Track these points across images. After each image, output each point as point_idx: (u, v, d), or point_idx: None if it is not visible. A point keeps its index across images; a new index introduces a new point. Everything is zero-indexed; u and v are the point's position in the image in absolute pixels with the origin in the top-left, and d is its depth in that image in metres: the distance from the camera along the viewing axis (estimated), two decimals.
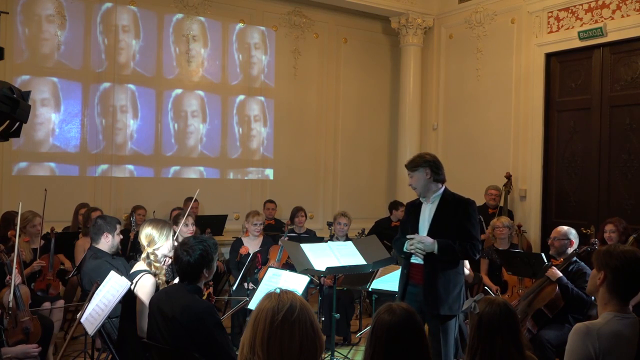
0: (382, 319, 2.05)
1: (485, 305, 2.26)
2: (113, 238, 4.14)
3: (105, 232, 4.12)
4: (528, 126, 7.37)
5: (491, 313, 2.23)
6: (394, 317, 2.04)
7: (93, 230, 4.16)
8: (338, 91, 8.79)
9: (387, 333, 2.02)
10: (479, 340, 2.23)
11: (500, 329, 2.21)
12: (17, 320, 4.06)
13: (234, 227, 7.42)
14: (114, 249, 4.19)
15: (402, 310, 2.06)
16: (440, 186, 3.87)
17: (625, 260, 2.43)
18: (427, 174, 3.80)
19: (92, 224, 4.25)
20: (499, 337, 2.20)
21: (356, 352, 5.50)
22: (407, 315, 2.05)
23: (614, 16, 6.51)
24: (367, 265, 4.57)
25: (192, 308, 2.89)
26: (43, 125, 6.87)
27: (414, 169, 3.85)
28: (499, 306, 2.25)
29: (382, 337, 2.02)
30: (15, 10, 6.67)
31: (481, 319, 2.24)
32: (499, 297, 2.44)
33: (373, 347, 2.04)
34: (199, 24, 7.77)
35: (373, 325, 2.07)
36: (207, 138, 7.85)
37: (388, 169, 9.13)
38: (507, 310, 2.26)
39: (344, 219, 6.37)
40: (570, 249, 4.66)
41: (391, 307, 2.08)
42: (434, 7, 8.64)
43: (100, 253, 4.10)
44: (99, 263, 3.99)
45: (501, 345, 2.20)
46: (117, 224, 4.21)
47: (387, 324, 2.03)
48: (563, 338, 4.02)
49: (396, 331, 2.02)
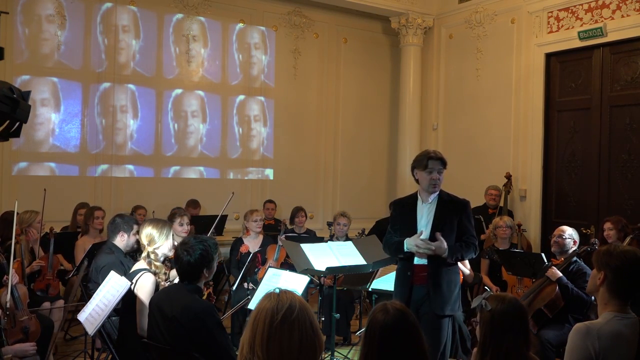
0: (376, 318, 2.04)
1: (496, 302, 2.27)
2: (129, 237, 4.21)
3: (121, 231, 4.20)
4: (528, 126, 7.37)
5: (503, 310, 2.24)
6: (387, 316, 2.03)
7: (110, 227, 4.24)
8: (338, 91, 8.79)
9: (380, 332, 2.01)
10: (490, 337, 2.24)
11: (512, 326, 2.22)
12: (15, 320, 4.06)
13: (234, 227, 7.42)
14: (128, 248, 4.25)
15: (396, 310, 2.05)
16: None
17: (626, 260, 2.43)
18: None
19: (110, 222, 4.30)
20: (511, 333, 2.21)
21: (356, 352, 5.50)
22: (400, 315, 2.04)
23: (614, 16, 6.51)
24: (367, 265, 4.57)
25: (192, 308, 2.89)
26: (43, 125, 6.87)
27: (445, 165, 3.86)
28: (511, 303, 2.27)
29: (376, 336, 2.01)
30: (15, 10, 6.67)
31: (493, 316, 2.24)
32: (509, 294, 2.44)
33: (367, 346, 2.03)
34: (199, 24, 7.77)
35: (367, 325, 2.07)
36: (207, 138, 7.85)
37: (388, 169, 9.12)
38: (519, 307, 2.27)
39: (344, 219, 6.37)
40: (572, 248, 4.66)
41: (385, 306, 2.08)
42: (434, 7, 8.64)
43: (115, 248, 4.15)
44: (113, 259, 4.04)
45: (512, 342, 2.20)
46: (135, 224, 4.26)
47: (381, 324, 2.02)
48: (563, 338, 4.03)
49: (389, 331, 2.00)
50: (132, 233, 4.21)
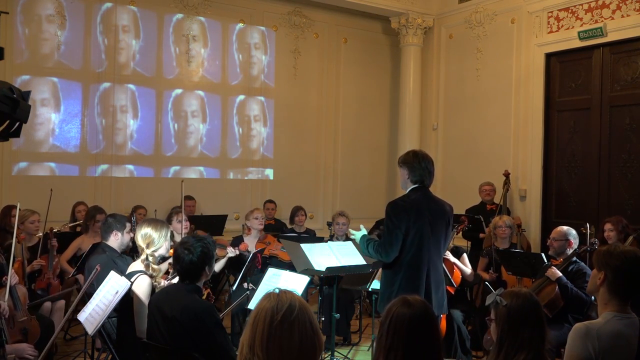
0: (400, 312, 2.05)
1: (511, 297, 2.28)
2: (122, 236, 4.19)
3: (114, 230, 4.17)
4: (528, 126, 7.37)
5: (519, 304, 2.25)
6: (413, 309, 2.05)
7: (103, 228, 4.23)
8: (338, 91, 8.79)
9: (408, 325, 2.02)
10: (508, 332, 2.24)
11: (528, 320, 2.23)
12: (14, 321, 4.04)
13: (234, 227, 7.42)
14: (123, 246, 4.23)
15: (420, 302, 2.09)
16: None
17: (626, 260, 2.43)
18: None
19: (102, 223, 4.30)
20: (527, 327, 2.22)
21: (356, 352, 5.50)
22: (425, 307, 2.08)
23: (614, 16, 6.51)
24: (367, 265, 4.57)
25: (192, 308, 2.89)
26: (43, 125, 6.87)
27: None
28: (526, 297, 2.28)
29: (402, 329, 2.03)
30: (15, 10, 6.67)
31: (509, 311, 2.25)
32: (523, 289, 2.45)
33: (391, 339, 2.03)
34: (199, 24, 7.77)
35: (389, 318, 2.07)
36: (207, 138, 7.85)
37: (388, 169, 9.12)
38: (534, 301, 2.29)
39: (343, 218, 6.38)
40: (570, 249, 4.66)
41: (407, 299, 2.10)
42: (434, 7, 8.64)
43: (107, 249, 4.14)
44: (105, 259, 4.03)
45: (529, 337, 2.21)
46: (127, 222, 4.25)
47: (408, 317, 2.03)
48: (563, 338, 4.02)
49: (417, 322, 2.03)
50: (126, 231, 4.20)
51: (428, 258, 3.72)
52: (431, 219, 3.72)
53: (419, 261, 3.70)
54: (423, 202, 3.73)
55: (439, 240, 3.79)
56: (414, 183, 3.80)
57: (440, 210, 3.80)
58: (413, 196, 3.75)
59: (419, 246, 3.68)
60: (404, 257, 3.68)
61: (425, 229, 3.69)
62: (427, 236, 3.70)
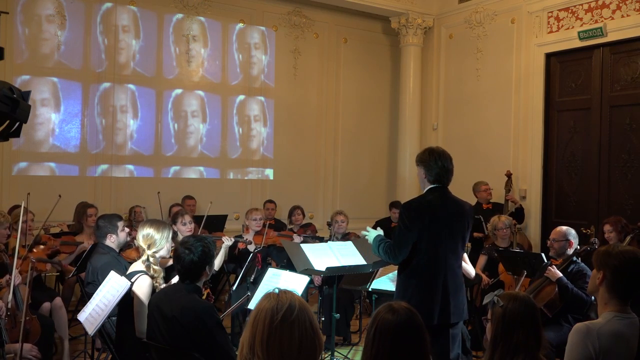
0: (385, 318, 2.03)
1: (508, 299, 2.30)
2: (117, 236, 4.19)
3: (108, 233, 4.17)
4: (528, 126, 7.37)
5: (515, 306, 2.26)
6: (398, 316, 2.03)
7: (97, 233, 4.23)
8: (338, 91, 8.79)
9: (392, 332, 2.00)
10: (502, 333, 2.26)
11: (523, 322, 2.24)
12: (16, 321, 4.05)
13: (234, 227, 7.41)
14: (121, 245, 4.23)
15: (405, 309, 2.06)
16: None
17: (625, 260, 2.43)
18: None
19: (94, 228, 4.30)
20: (521, 329, 2.23)
21: (356, 352, 5.50)
22: (411, 314, 2.05)
23: (614, 16, 6.51)
24: (367, 265, 4.56)
25: (191, 308, 2.89)
26: (43, 125, 6.87)
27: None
28: (523, 300, 2.29)
29: (387, 336, 2.01)
30: (15, 10, 6.67)
31: (505, 312, 2.27)
32: (521, 292, 2.46)
33: (376, 347, 2.01)
34: (199, 24, 7.77)
35: (375, 326, 2.05)
36: (207, 138, 7.85)
37: (388, 169, 9.12)
38: (531, 304, 2.30)
39: (341, 216, 6.39)
40: (570, 249, 4.66)
41: (392, 306, 2.07)
42: (434, 7, 8.64)
43: (107, 249, 4.14)
44: (109, 258, 4.04)
45: (523, 339, 2.22)
46: (119, 221, 4.24)
47: (392, 324, 2.01)
48: (563, 338, 4.02)
49: (402, 329, 2.01)
50: (119, 230, 4.20)
51: (445, 262, 3.49)
52: (448, 222, 3.50)
53: (435, 266, 3.47)
54: (440, 204, 3.51)
55: (456, 243, 3.57)
56: (431, 183, 3.57)
57: (458, 212, 3.57)
58: (429, 197, 3.54)
59: (434, 250, 3.46)
60: (419, 261, 3.47)
61: (442, 232, 3.48)
62: (443, 240, 3.49)
